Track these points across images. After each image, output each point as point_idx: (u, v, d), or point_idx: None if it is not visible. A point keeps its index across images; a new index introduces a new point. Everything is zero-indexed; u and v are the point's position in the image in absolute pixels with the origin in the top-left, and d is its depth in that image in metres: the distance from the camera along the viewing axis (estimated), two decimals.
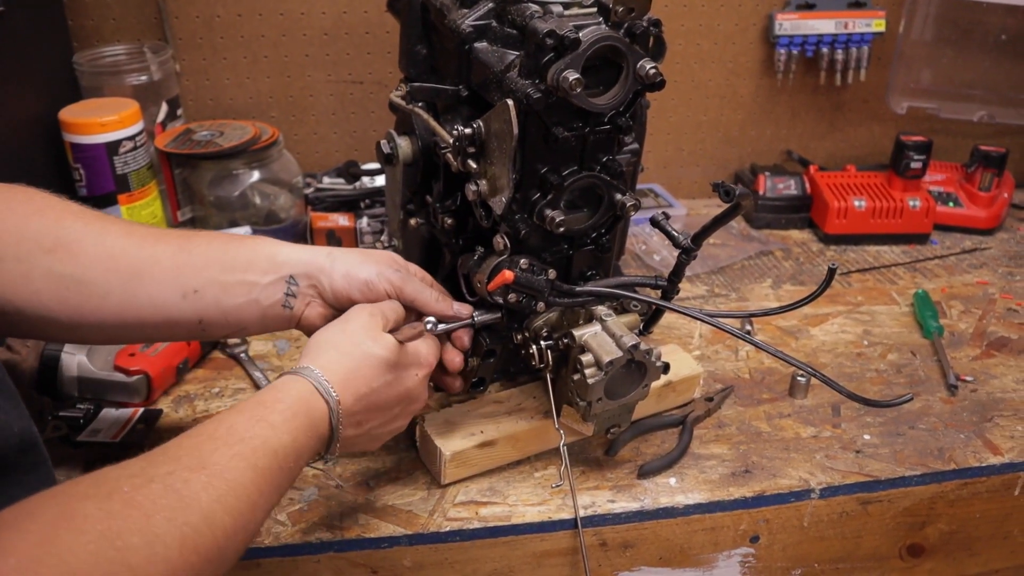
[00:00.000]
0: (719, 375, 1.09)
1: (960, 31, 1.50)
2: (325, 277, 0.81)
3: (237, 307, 0.79)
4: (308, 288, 0.81)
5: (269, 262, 0.81)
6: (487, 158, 0.80)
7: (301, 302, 0.81)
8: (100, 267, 0.75)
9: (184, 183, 1.30)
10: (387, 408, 0.77)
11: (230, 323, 0.80)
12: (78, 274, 0.74)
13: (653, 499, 0.88)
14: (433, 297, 0.84)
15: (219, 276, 0.78)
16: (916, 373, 1.11)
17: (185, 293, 0.77)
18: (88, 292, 0.74)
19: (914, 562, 0.98)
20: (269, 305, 0.80)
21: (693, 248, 0.83)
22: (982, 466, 0.95)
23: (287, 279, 0.80)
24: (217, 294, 0.78)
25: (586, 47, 0.72)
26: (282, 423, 0.66)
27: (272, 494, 0.64)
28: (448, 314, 0.85)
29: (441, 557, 0.84)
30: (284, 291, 0.80)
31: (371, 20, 1.37)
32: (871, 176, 1.50)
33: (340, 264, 0.81)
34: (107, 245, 0.76)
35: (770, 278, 1.34)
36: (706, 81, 1.52)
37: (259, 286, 0.80)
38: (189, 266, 0.78)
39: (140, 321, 0.77)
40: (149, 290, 0.76)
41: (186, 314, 0.78)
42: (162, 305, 0.77)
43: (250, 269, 0.80)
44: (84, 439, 0.92)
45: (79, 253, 0.74)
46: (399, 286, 0.82)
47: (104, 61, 1.28)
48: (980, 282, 1.34)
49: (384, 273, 0.82)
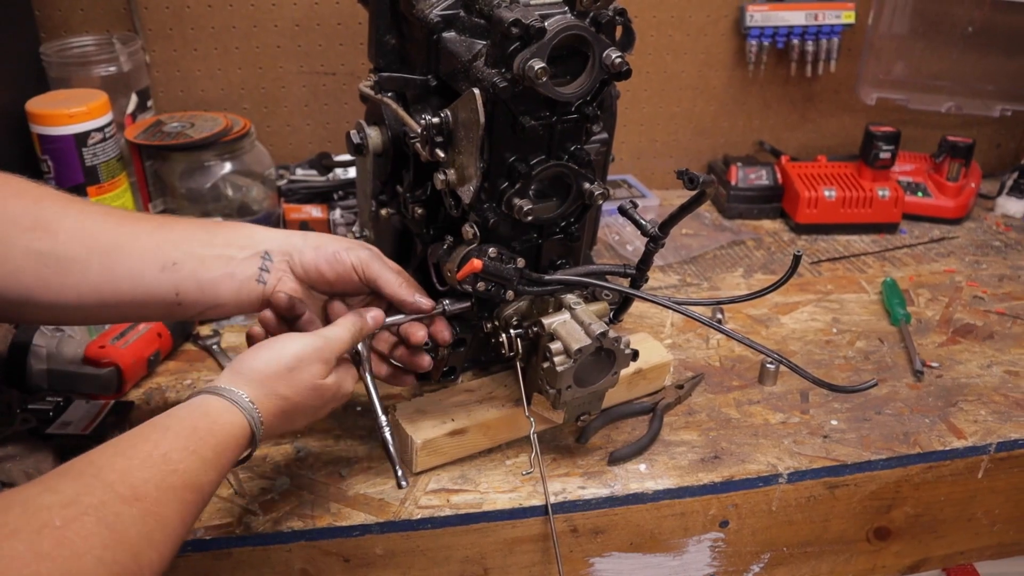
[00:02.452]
0: (690, 363, 1.10)
1: (928, 23, 1.51)
2: (296, 253, 0.83)
3: (213, 280, 0.79)
4: (281, 263, 0.82)
5: (248, 239, 0.82)
6: (455, 147, 0.80)
7: (274, 277, 0.82)
8: (79, 243, 0.75)
9: (155, 175, 1.29)
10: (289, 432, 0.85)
11: (206, 297, 0.80)
12: (58, 251, 0.74)
13: (623, 485, 0.89)
14: (396, 281, 0.84)
15: (198, 249, 0.79)
16: (883, 359, 1.12)
17: (164, 265, 0.78)
18: (67, 268, 0.75)
19: (881, 545, 1.00)
20: (244, 279, 0.81)
21: (660, 236, 0.83)
22: (946, 450, 0.96)
23: (262, 255, 0.82)
24: (195, 266, 0.79)
25: (551, 36, 0.72)
26: (213, 459, 0.66)
27: (190, 525, 0.65)
28: (407, 301, 0.84)
29: (413, 545, 0.85)
30: (259, 266, 0.81)
31: (343, 11, 1.37)
32: (841, 166, 1.52)
33: (311, 241, 0.84)
34: (85, 222, 0.77)
35: (741, 267, 1.35)
36: (679, 72, 1.53)
37: (236, 260, 0.81)
38: (168, 240, 0.79)
39: (118, 297, 0.77)
40: (129, 263, 0.77)
41: (164, 287, 0.78)
42: (141, 278, 0.77)
43: (229, 245, 0.81)
44: (54, 432, 0.92)
45: (58, 231, 0.75)
46: (366, 262, 0.83)
47: (72, 52, 1.26)
48: (947, 270, 1.36)
49: (353, 249, 0.83)
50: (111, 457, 0.61)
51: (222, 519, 0.83)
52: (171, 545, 0.61)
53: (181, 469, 0.63)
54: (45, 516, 0.54)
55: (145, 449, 0.63)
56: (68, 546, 0.53)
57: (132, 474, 0.60)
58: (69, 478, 0.58)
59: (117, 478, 0.59)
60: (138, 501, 0.59)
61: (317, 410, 0.78)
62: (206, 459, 0.65)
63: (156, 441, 0.64)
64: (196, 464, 0.64)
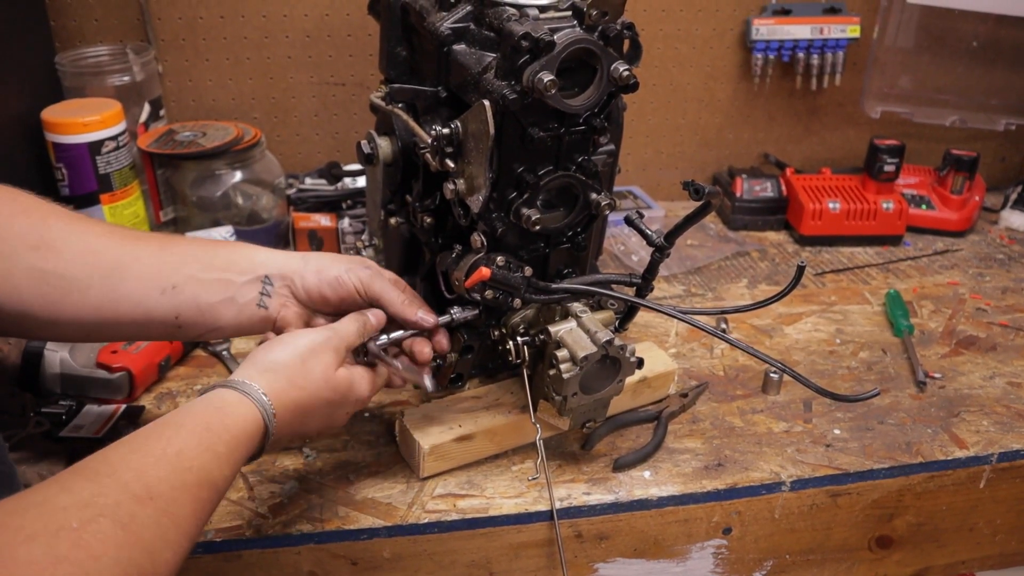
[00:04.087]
0: (694, 372, 1.11)
1: (933, 38, 1.53)
2: (298, 278, 0.83)
3: (213, 305, 0.81)
4: (282, 288, 0.83)
5: (248, 262, 0.83)
6: (465, 158, 0.82)
7: (276, 302, 0.83)
8: (81, 263, 0.76)
9: (166, 183, 1.31)
10: (304, 433, 0.86)
11: (206, 321, 0.81)
12: (60, 270, 0.75)
13: (628, 491, 0.90)
14: (399, 299, 0.85)
15: (198, 273, 0.80)
16: (886, 370, 1.13)
17: (164, 289, 0.79)
18: (68, 287, 0.75)
19: (883, 553, 1.01)
20: (244, 304, 0.82)
21: (666, 246, 0.85)
22: (948, 459, 0.97)
23: (263, 279, 0.83)
24: (195, 290, 0.80)
25: (560, 49, 0.74)
26: (227, 454, 0.67)
27: (204, 522, 0.65)
28: (410, 320, 0.86)
29: (420, 548, 0.86)
30: (259, 291, 0.82)
31: (353, 22, 1.39)
32: (846, 179, 1.53)
33: (312, 264, 0.84)
34: (89, 242, 0.77)
35: (746, 278, 1.36)
36: (684, 85, 1.55)
37: (236, 284, 0.82)
38: (169, 263, 0.80)
39: (118, 317, 0.78)
40: (129, 285, 0.77)
41: (164, 309, 0.79)
42: (141, 300, 0.78)
43: (229, 268, 0.82)
44: (66, 435, 0.93)
45: (62, 250, 0.75)
46: (367, 282, 0.84)
47: (86, 62, 1.28)
48: (951, 283, 1.37)
49: (353, 269, 0.84)
50: (125, 455, 0.62)
51: (232, 522, 0.84)
52: (186, 543, 0.61)
53: (196, 466, 0.63)
54: (61, 518, 0.54)
55: (159, 447, 0.63)
56: (85, 548, 0.53)
57: (146, 473, 0.61)
58: (84, 478, 0.59)
59: (132, 477, 0.60)
60: (152, 501, 0.59)
61: (332, 409, 0.78)
62: (220, 455, 0.66)
63: (169, 438, 0.64)
64: (210, 460, 0.65)
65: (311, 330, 0.80)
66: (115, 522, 0.56)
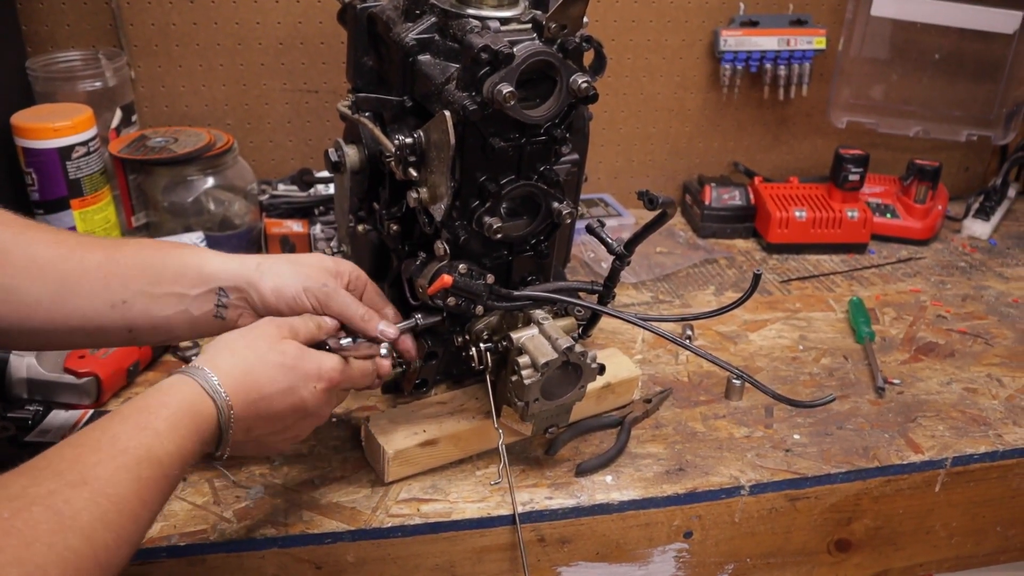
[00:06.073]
0: (659, 378, 1.13)
1: (896, 50, 1.56)
2: (254, 291, 0.83)
3: (167, 318, 0.81)
4: (238, 300, 0.83)
5: (197, 274, 0.82)
6: (427, 167, 0.83)
7: (233, 313, 0.83)
8: (28, 276, 0.76)
9: (138, 189, 1.31)
10: (279, 418, 0.76)
11: (160, 332, 0.82)
12: (6, 282, 0.75)
13: (589, 496, 0.91)
14: (359, 314, 0.84)
15: (147, 288, 0.80)
16: (847, 376, 1.15)
17: (114, 304, 0.78)
18: (17, 300, 0.75)
19: (842, 556, 1.02)
20: (200, 315, 0.82)
21: (626, 255, 0.86)
22: (904, 464, 0.99)
23: (217, 291, 0.82)
24: (147, 304, 0.80)
25: (520, 61, 0.75)
26: (167, 430, 0.65)
27: (155, 503, 0.64)
28: (371, 335, 0.85)
29: (383, 553, 0.87)
30: (215, 302, 0.82)
31: (326, 30, 1.40)
32: (813, 188, 1.56)
33: (268, 279, 0.83)
34: (35, 254, 0.77)
35: (713, 285, 1.38)
36: (655, 95, 1.57)
37: (189, 298, 0.81)
38: (116, 277, 0.79)
39: (70, 329, 0.78)
40: (77, 301, 0.77)
41: (116, 323, 0.79)
42: (91, 315, 0.78)
43: (178, 282, 0.81)
44: (32, 439, 0.94)
45: (7, 263, 0.75)
46: (324, 302, 0.84)
47: (58, 67, 1.29)
48: (913, 290, 1.40)
49: (311, 289, 0.83)
50: (61, 449, 0.61)
51: (197, 526, 0.85)
52: (131, 524, 0.60)
53: (132, 446, 0.62)
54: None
55: (94, 436, 0.63)
56: (16, 535, 0.53)
57: (81, 460, 0.60)
58: (18, 473, 0.59)
59: (67, 467, 0.59)
60: (87, 484, 0.58)
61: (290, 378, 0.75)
62: (160, 431, 0.65)
63: (105, 427, 0.64)
64: (149, 438, 0.64)
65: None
66: (48, 508, 0.56)
